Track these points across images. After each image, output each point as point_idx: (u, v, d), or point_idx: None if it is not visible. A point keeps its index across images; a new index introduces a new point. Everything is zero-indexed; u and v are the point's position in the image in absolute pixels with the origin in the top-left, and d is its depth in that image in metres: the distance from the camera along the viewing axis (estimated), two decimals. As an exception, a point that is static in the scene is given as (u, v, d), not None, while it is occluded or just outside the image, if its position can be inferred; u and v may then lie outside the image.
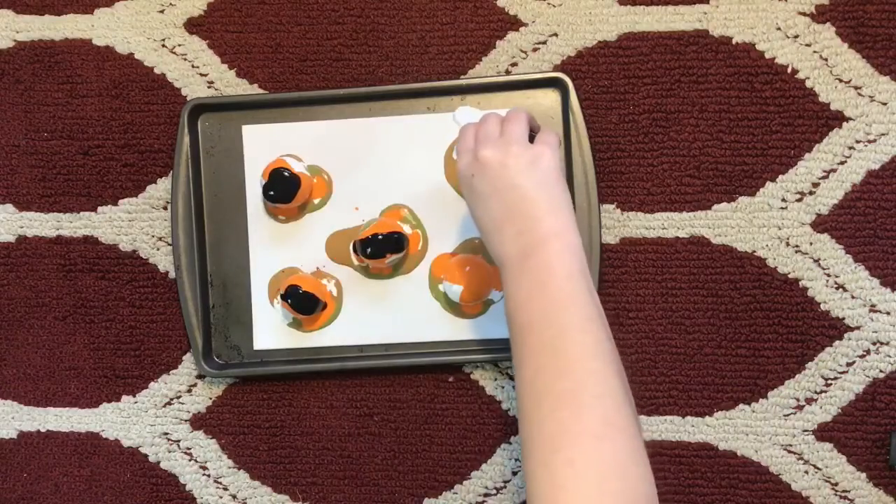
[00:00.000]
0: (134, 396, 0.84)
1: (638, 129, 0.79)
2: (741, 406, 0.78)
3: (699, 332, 0.78)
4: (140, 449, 0.84)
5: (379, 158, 0.80)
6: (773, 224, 0.78)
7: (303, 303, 0.77)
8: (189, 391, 0.83)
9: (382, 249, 0.76)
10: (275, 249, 0.81)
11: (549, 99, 0.79)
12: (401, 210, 0.80)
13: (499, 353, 0.78)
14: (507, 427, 0.80)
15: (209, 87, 0.82)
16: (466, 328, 0.79)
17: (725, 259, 0.78)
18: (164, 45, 0.83)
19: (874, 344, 0.77)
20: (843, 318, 0.77)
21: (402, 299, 0.80)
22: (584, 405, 0.53)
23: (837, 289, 0.77)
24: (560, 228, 0.60)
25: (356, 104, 0.80)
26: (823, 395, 0.77)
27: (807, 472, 0.78)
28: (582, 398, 0.54)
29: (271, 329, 0.81)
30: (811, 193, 0.77)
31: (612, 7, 0.79)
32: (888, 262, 0.77)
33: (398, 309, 0.80)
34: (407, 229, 0.79)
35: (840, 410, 0.77)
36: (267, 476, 0.83)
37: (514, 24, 0.80)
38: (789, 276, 0.78)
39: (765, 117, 0.78)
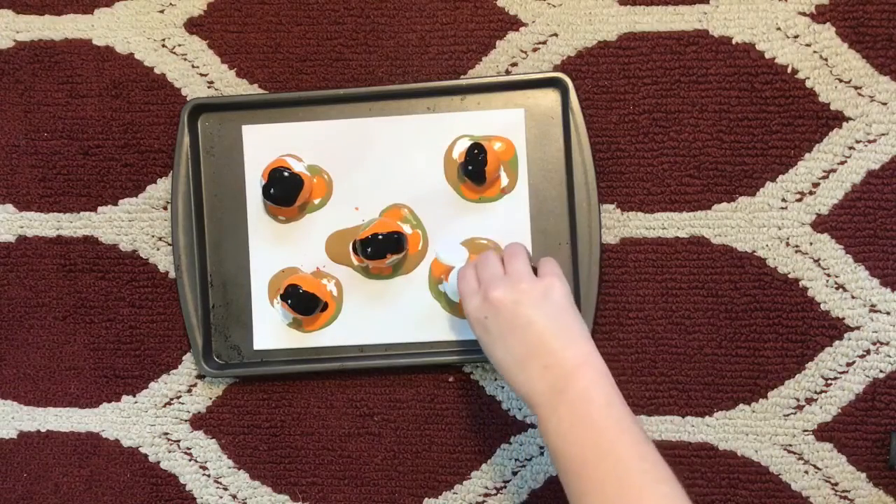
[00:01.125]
0: (134, 396, 0.84)
1: (638, 129, 0.79)
2: (741, 406, 0.78)
3: (699, 332, 0.78)
4: (140, 449, 0.84)
5: (379, 158, 0.80)
6: (773, 224, 0.78)
7: (303, 303, 0.77)
8: (189, 391, 0.83)
9: (382, 249, 0.76)
10: (275, 249, 0.81)
11: (549, 99, 0.79)
12: (401, 210, 0.80)
13: (499, 353, 0.78)
14: (507, 427, 0.80)
15: (209, 87, 0.82)
16: (466, 328, 0.79)
17: (725, 259, 0.78)
18: (164, 45, 0.83)
19: (874, 344, 0.77)
20: (843, 318, 0.77)
21: (402, 299, 0.80)
22: None
23: (837, 289, 0.77)
24: (585, 357, 0.61)
25: (356, 104, 0.80)
26: (823, 395, 0.77)
27: (807, 472, 0.78)
28: None
29: (271, 329, 0.81)
30: (811, 193, 0.77)
31: (612, 7, 0.79)
32: (888, 262, 0.77)
33: (398, 309, 0.80)
34: (407, 229, 0.79)
35: (840, 410, 0.77)
36: (267, 476, 0.83)
37: (514, 24, 0.80)
38: (789, 276, 0.78)
39: (765, 117, 0.78)
